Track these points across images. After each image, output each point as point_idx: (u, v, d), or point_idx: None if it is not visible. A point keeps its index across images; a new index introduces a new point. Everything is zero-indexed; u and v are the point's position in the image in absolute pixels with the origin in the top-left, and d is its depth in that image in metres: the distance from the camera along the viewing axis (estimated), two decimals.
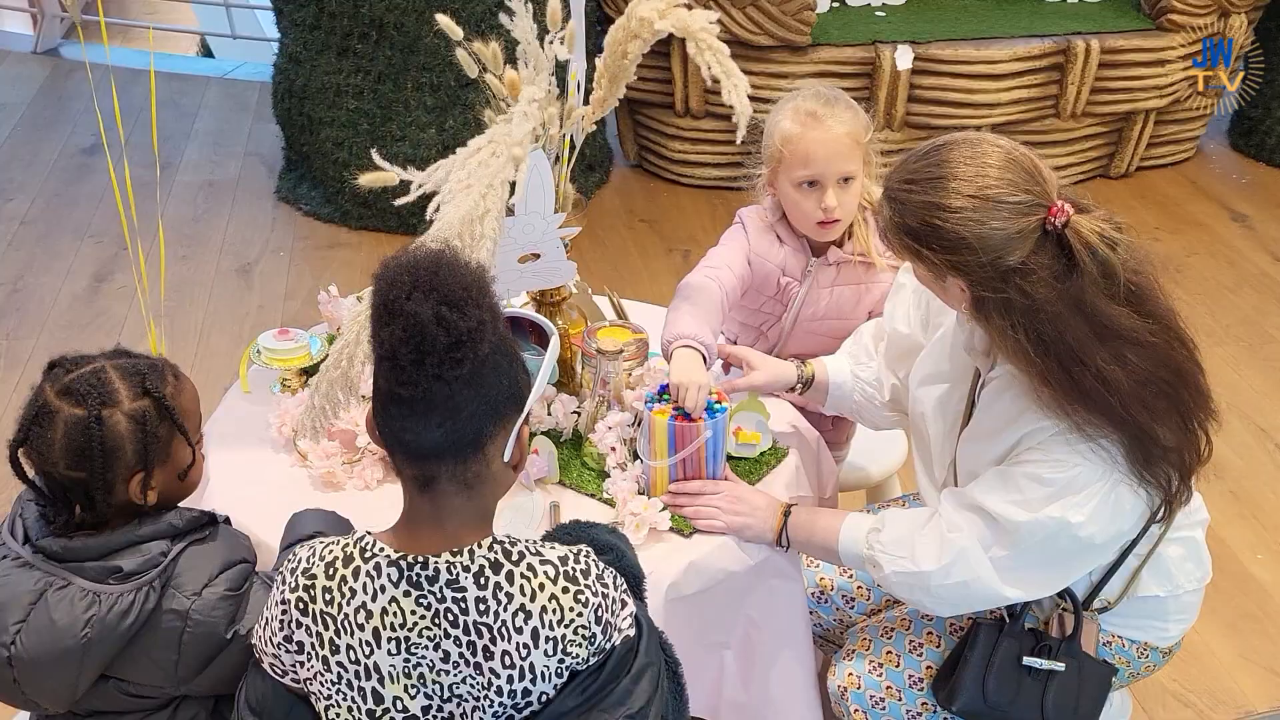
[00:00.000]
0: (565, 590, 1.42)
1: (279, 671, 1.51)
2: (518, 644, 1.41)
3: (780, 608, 2.06)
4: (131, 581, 1.58)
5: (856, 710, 2.08)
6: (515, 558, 1.43)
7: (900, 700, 2.07)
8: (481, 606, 1.40)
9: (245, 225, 4.81)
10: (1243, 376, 3.88)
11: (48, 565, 1.59)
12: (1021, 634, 1.97)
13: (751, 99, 1.94)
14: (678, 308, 2.20)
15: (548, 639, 1.41)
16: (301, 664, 1.47)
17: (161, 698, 1.66)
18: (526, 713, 1.44)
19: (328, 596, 1.44)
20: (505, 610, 1.40)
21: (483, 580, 1.41)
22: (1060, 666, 1.95)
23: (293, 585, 1.46)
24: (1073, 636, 1.96)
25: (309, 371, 2.26)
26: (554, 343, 1.56)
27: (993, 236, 1.67)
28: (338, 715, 1.46)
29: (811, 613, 2.25)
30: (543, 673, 1.42)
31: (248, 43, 6.85)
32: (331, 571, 1.44)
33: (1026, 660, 1.96)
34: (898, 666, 2.08)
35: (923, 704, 2.06)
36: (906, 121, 4.82)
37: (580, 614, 1.42)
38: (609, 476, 2.05)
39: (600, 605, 1.45)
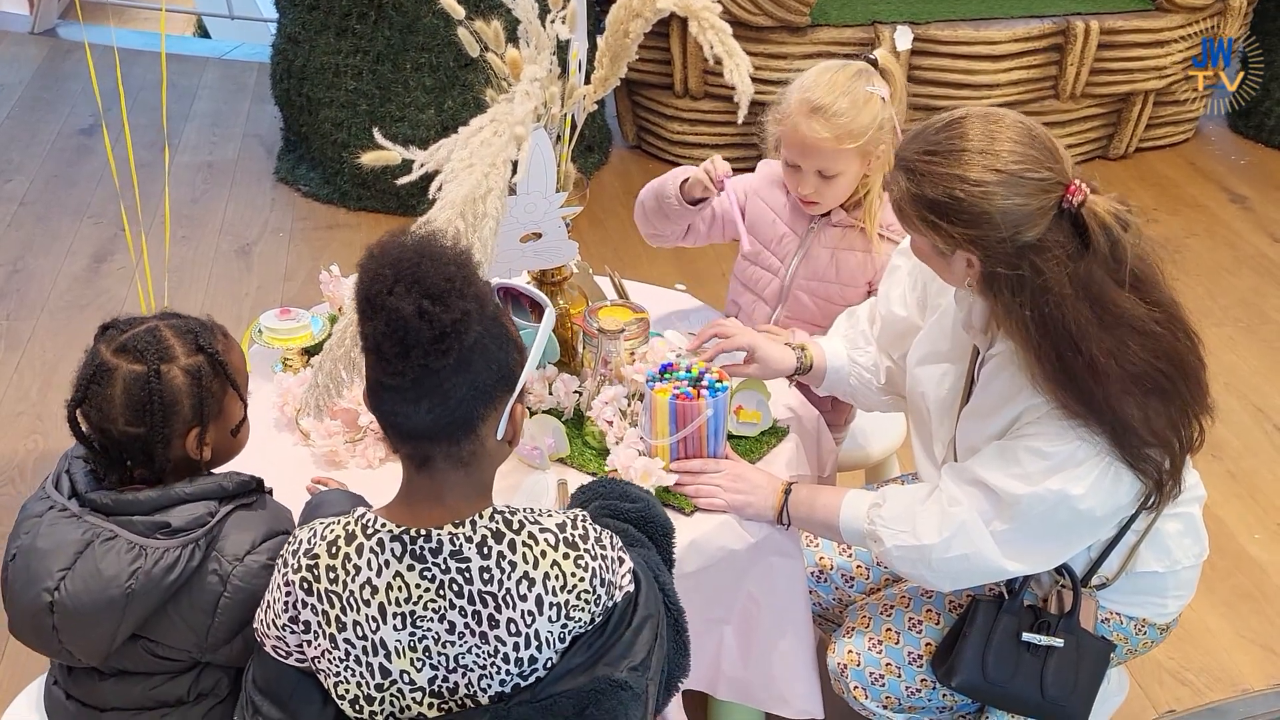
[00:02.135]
0: (566, 556, 1.45)
1: (282, 654, 1.53)
2: (522, 611, 1.42)
3: (780, 585, 2.08)
4: (178, 538, 1.60)
5: (856, 687, 2.10)
6: (516, 526, 1.45)
7: (900, 677, 2.08)
8: (485, 576, 1.42)
9: (244, 206, 4.81)
10: (1241, 357, 3.89)
11: (95, 518, 1.61)
12: (1020, 610, 1.99)
13: (751, 79, 1.95)
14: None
15: (551, 605, 1.43)
16: (308, 643, 1.48)
17: (187, 662, 1.67)
18: (531, 679, 1.46)
19: (332, 575, 1.45)
20: (509, 579, 1.42)
21: (486, 550, 1.42)
22: (1059, 643, 1.96)
23: (295, 566, 1.48)
24: (1071, 613, 1.97)
25: (311, 351, 2.26)
26: (548, 316, 1.56)
27: (1014, 212, 1.67)
28: (346, 691, 1.48)
29: (811, 592, 2.26)
30: (547, 639, 1.44)
31: (245, 23, 6.84)
32: (334, 550, 1.45)
33: (1025, 636, 1.97)
34: (897, 644, 2.09)
35: (922, 680, 2.08)
36: (906, 102, 4.81)
37: (582, 579, 1.44)
38: (610, 454, 2.06)
39: (600, 567, 1.47)
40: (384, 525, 1.44)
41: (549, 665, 1.46)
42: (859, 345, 2.24)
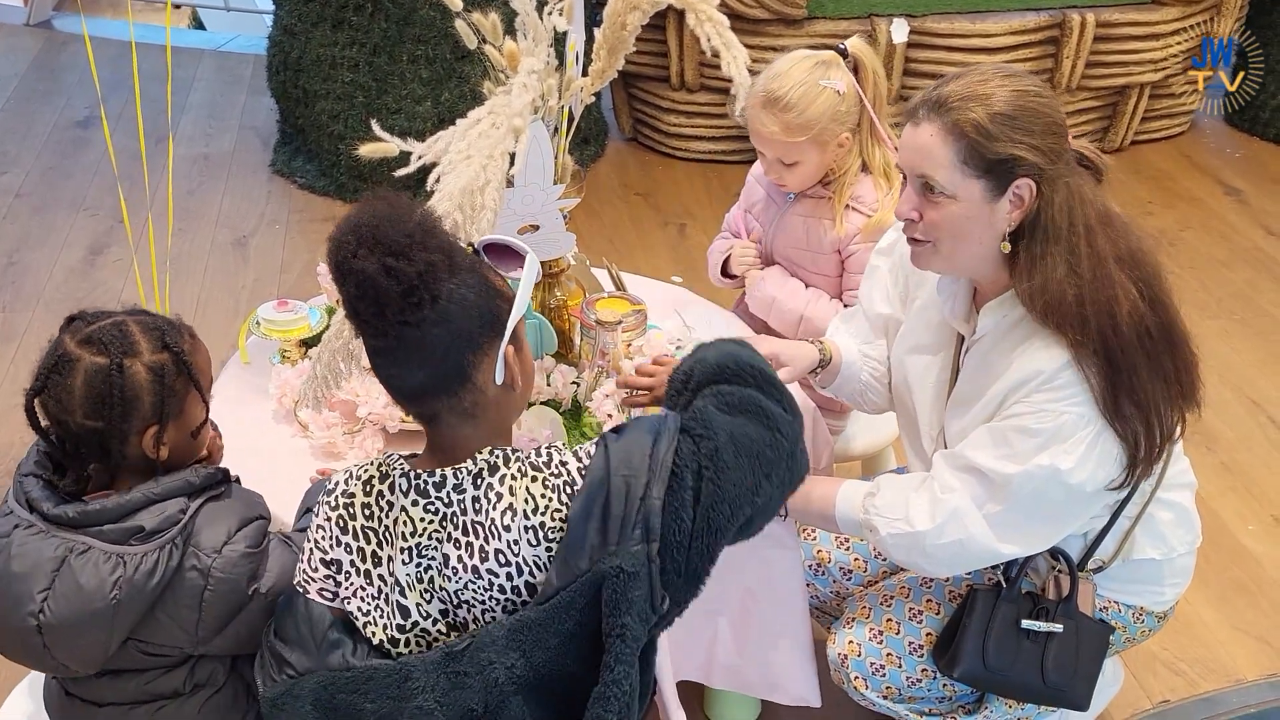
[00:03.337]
0: (534, 479, 1.47)
1: (329, 595, 1.55)
2: (508, 541, 1.45)
3: (777, 577, 2.08)
4: (154, 541, 1.58)
5: (857, 678, 2.10)
6: (510, 463, 1.48)
7: (900, 667, 2.09)
8: (476, 506, 1.46)
9: (240, 198, 4.81)
10: (1235, 350, 3.90)
11: (64, 532, 1.59)
12: (1018, 598, 2.00)
13: (749, 73, 1.95)
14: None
15: (528, 529, 1.45)
16: (340, 583, 1.53)
17: (179, 656, 1.67)
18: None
19: (367, 512, 1.51)
20: (495, 509, 1.46)
21: (479, 481, 1.47)
22: (1058, 628, 1.98)
23: (332, 504, 1.53)
24: (1069, 598, 1.99)
25: (308, 343, 2.27)
26: (530, 261, 1.56)
27: (1063, 123, 1.78)
28: (374, 633, 1.51)
29: (808, 585, 2.27)
30: (535, 563, 1.46)
31: (241, 15, 6.83)
32: (369, 488, 1.51)
33: (1025, 623, 1.98)
34: (898, 634, 2.10)
35: (923, 670, 2.08)
36: (901, 96, 4.82)
37: (550, 499, 1.46)
38: None
39: (567, 483, 1.47)
40: (399, 462, 1.50)
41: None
42: (868, 339, 2.25)
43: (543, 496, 1.47)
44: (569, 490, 1.47)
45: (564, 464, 1.50)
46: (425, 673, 1.46)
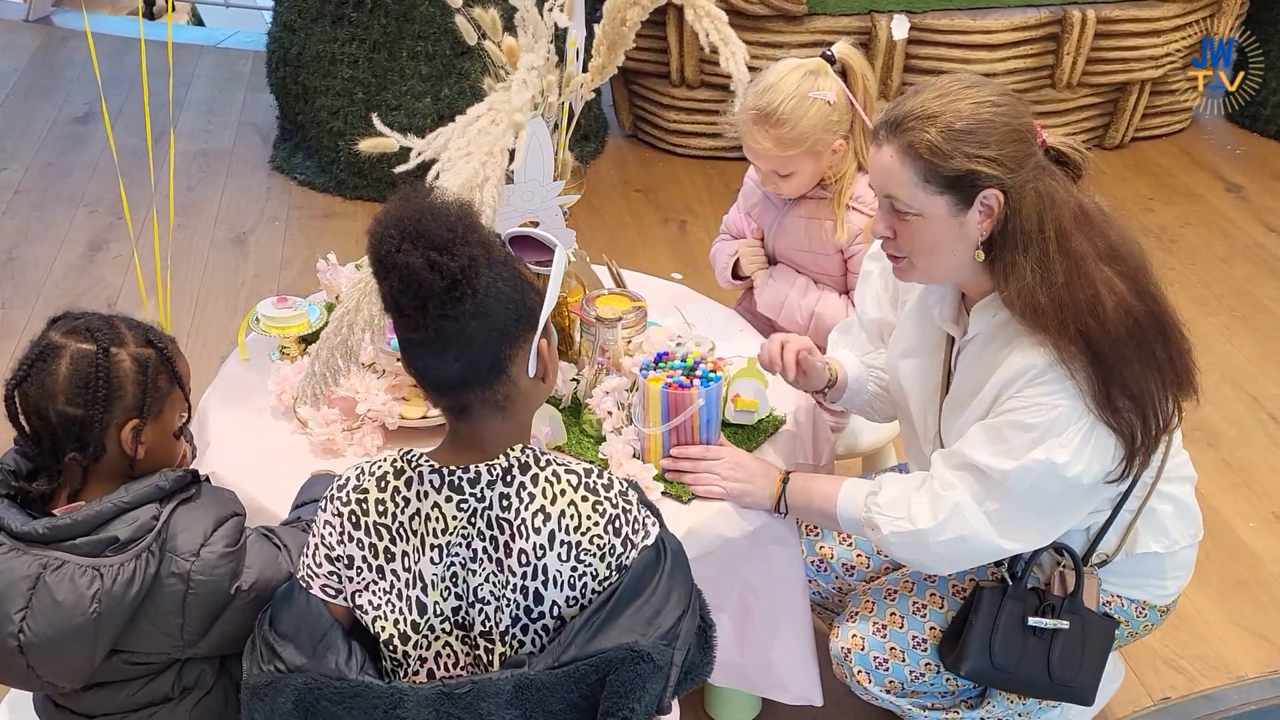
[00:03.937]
0: (585, 499, 1.49)
1: (331, 592, 1.56)
2: (535, 544, 1.46)
3: (777, 574, 2.08)
4: (129, 550, 1.56)
5: (860, 671, 2.10)
6: (543, 464, 1.50)
7: (904, 661, 2.09)
8: (505, 502, 1.47)
9: (240, 195, 4.80)
10: (1236, 346, 3.89)
11: (35, 549, 1.56)
12: (1024, 595, 2.00)
13: (747, 68, 1.95)
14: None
15: (563, 543, 1.47)
16: (350, 579, 1.53)
17: (164, 662, 1.66)
18: (540, 623, 1.49)
19: (380, 508, 1.51)
20: (526, 509, 1.47)
21: (509, 478, 1.48)
22: (1065, 625, 1.98)
23: (344, 500, 1.53)
24: (1074, 594, 1.99)
25: (308, 339, 2.26)
26: (559, 254, 1.58)
27: (1029, 128, 1.77)
28: (384, 628, 1.52)
29: (811, 581, 2.27)
30: (555, 577, 1.47)
31: (240, 11, 6.83)
32: (384, 484, 1.51)
33: (1032, 621, 1.98)
34: (901, 628, 2.10)
35: (926, 664, 2.08)
36: (902, 92, 4.81)
37: (597, 523, 1.48)
38: (606, 441, 2.06)
39: (618, 517, 1.50)
40: (425, 459, 1.50)
41: (555, 610, 1.49)
42: (867, 349, 2.25)
43: (589, 519, 1.48)
44: (614, 527, 1.49)
45: (626, 500, 1.52)
46: (417, 705, 1.46)
